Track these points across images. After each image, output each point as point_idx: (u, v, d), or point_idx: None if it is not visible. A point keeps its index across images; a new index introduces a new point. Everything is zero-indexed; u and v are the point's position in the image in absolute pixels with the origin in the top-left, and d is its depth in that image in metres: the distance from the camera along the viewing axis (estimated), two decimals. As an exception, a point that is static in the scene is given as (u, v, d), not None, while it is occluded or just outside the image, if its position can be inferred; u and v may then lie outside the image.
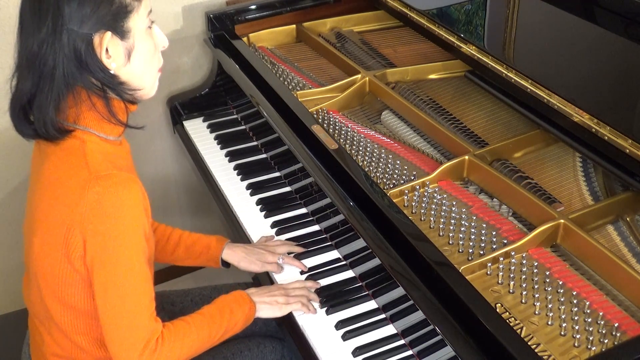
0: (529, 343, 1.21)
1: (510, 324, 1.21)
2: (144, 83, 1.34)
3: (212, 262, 1.67)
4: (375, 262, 1.46)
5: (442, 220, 1.48)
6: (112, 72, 1.27)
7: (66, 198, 1.26)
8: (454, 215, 1.48)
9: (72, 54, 1.22)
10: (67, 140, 1.29)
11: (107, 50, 1.25)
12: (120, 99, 1.31)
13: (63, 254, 1.29)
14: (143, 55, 1.31)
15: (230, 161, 1.96)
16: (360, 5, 2.24)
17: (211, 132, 2.09)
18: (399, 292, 1.39)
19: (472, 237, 1.43)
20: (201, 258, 1.68)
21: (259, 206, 1.80)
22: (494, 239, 1.42)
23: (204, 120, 2.15)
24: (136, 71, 1.31)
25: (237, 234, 1.78)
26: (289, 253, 1.64)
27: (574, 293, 1.31)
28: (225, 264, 1.68)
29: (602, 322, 1.24)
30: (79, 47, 1.22)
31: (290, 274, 1.61)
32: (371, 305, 1.49)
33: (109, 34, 1.23)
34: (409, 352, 1.39)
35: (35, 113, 1.27)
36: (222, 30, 2.12)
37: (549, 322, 1.27)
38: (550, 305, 1.29)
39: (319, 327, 1.46)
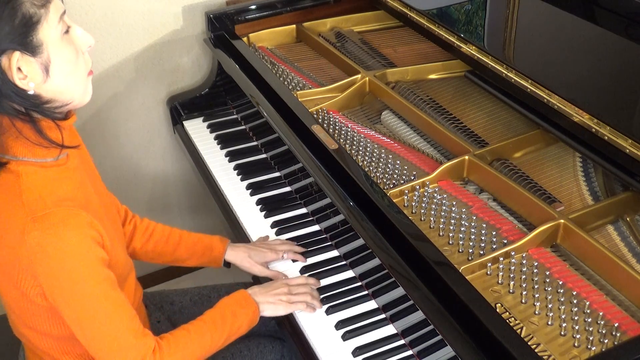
0: (529, 343, 1.21)
1: (510, 324, 1.21)
2: (72, 94, 1.22)
3: (214, 263, 1.66)
4: (375, 262, 1.46)
5: (442, 220, 1.48)
6: (31, 92, 1.16)
7: (9, 240, 1.21)
8: (454, 215, 1.48)
9: None
10: (2, 175, 1.20)
11: (20, 69, 1.13)
12: (49, 118, 1.21)
13: (20, 293, 1.26)
14: (63, 66, 1.18)
15: (230, 161, 1.96)
16: (360, 5, 2.24)
17: (211, 132, 2.09)
18: (399, 292, 1.39)
19: (472, 237, 1.43)
20: (203, 259, 1.66)
21: (259, 206, 1.80)
22: (494, 239, 1.42)
23: (204, 120, 2.15)
24: (60, 85, 1.18)
25: (237, 234, 1.78)
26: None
27: (574, 293, 1.31)
28: (227, 264, 1.67)
29: (602, 322, 1.24)
30: None
31: (290, 274, 1.61)
32: (371, 305, 1.49)
33: (17, 53, 1.11)
34: (409, 352, 1.39)
35: None
36: (222, 30, 2.12)
37: (549, 322, 1.27)
38: (550, 305, 1.29)
39: (319, 327, 1.46)
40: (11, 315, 1.37)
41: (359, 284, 1.55)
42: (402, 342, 1.41)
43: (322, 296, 1.52)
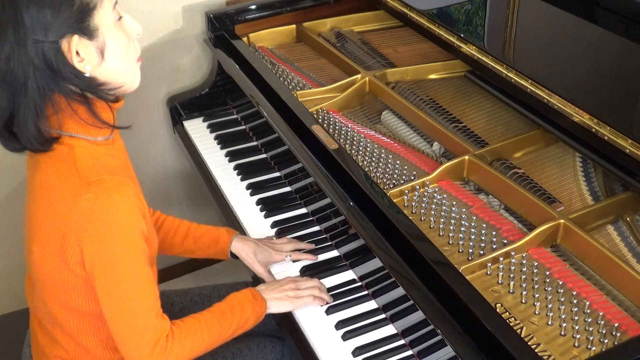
0: (529, 343, 1.21)
1: (510, 324, 1.21)
2: (124, 78, 1.30)
3: (221, 254, 1.66)
4: (375, 262, 1.46)
5: (442, 220, 1.48)
6: (87, 75, 1.23)
7: (59, 206, 1.25)
8: (454, 215, 1.48)
9: (42, 64, 1.18)
10: (56, 147, 1.26)
11: (77, 53, 1.20)
12: (102, 100, 1.28)
13: (61, 261, 1.28)
14: (117, 50, 1.26)
15: (230, 161, 1.96)
16: (360, 5, 2.24)
17: (211, 132, 2.09)
18: (399, 292, 1.39)
19: (472, 237, 1.43)
20: (210, 250, 1.67)
21: (259, 206, 1.80)
22: (494, 239, 1.42)
23: (204, 120, 2.15)
24: (113, 68, 1.27)
25: (237, 234, 1.78)
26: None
27: (574, 293, 1.31)
28: (234, 256, 1.67)
29: (602, 322, 1.24)
30: (48, 56, 1.18)
31: (290, 274, 1.61)
32: (371, 305, 1.49)
33: (76, 37, 1.19)
34: (409, 352, 1.39)
35: (17, 129, 1.24)
36: (222, 30, 2.12)
37: (549, 322, 1.27)
38: (550, 305, 1.29)
39: (319, 327, 1.47)
40: (43, 290, 1.38)
41: (359, 284, 1.55)
42: (402, 342, 1.41)
43: (329, 301, 1.51)
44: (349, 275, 1.57)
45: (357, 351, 1.39)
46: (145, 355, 1.29)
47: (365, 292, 1.52)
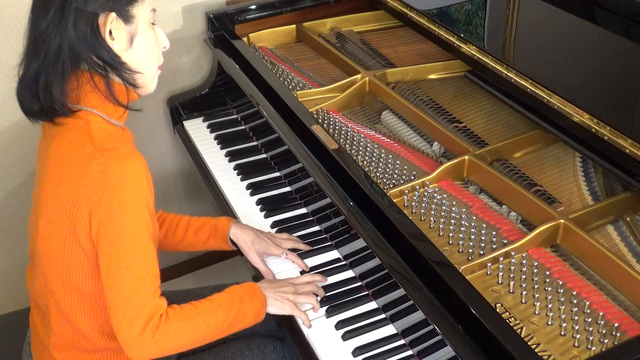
0: (529, 343, 1.21)
1: (510, 324, 1.21)
2: (143, 69, 1.36)
3: (221, 242, 1.66)
4: (375, 262, 1.46)
5: (442, 220, 1.48)
6: (114, 52, 1.30)
7: (72, 173, 1.28)
8: (454, 215, 1.48)
9: (77, 32, 1.26)
10: (72, 120, 1.32)
11: (110, 32, 1.28)
12: (120, 79, 1.34)
13: (69, 231, 1.30)
14: (144, 44, 1.34)
15: (230, 161, 1.96)
16: (360, 5, 2.24)
17: (211, 132, 2.09)
18: (399, 292, 1.39)
19: (472, 237, 1.43)
20: (210, 240, 1.67)
21: (259, 206, 1.80)
22: (494, 239, 1.42)
23: (204, 120, 2.15)
24: (137, 58, 1.34)
25: (237, 234, 1.78)
26: (294, 250, 1.64)
27: (574, 293, 1.31)
28: (234, 244, 1.66)
29: (602, 322, 1.24)
30: (84, 25, 1.26)
31: (289, 273, 1.61)
32: (371, 305, 1.49)
33: (113, 14, 1.27)
34: (409, 352, 1.39)
35: (41, 90, 1.30)
36: (222, 30, 2.12)
37: (549, 322, 1.27)
38: (550, 305, 1.29)
39: (319, 327, 1.47)
40: (45, 268, 1.38)
41: (359, 284, 1.55)
42: (402, 342, 1.41)
43: (322, 297, 1.52)
44: (349, 275, 1.58)
45: (357, 351, 1.39)
46: (136, 330, 1.28)
47: (365, 292, 1.52)
